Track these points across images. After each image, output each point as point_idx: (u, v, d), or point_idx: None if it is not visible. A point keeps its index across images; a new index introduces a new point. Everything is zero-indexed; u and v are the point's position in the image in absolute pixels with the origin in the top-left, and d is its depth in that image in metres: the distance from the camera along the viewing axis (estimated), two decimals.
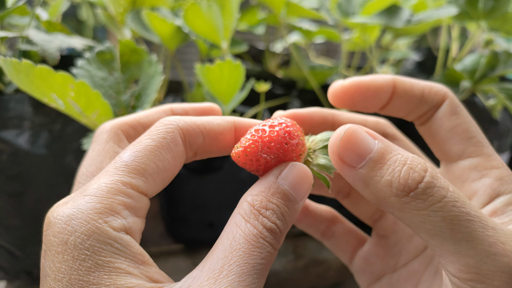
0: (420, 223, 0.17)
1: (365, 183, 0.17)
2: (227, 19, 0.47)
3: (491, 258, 0.16)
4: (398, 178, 0.17)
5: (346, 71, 0.79)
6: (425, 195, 0.16)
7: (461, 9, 0.57)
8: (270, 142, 0.22)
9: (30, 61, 0.29)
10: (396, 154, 0.17)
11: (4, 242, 0.48)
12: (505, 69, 0.56)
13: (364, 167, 0.17)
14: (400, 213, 0.17)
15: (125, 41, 0.40)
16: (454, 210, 0.16)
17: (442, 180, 0.17)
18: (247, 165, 0.22)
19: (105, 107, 0.34)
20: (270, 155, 0.21)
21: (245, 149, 0.22)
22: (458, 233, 0.16)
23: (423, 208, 0.16)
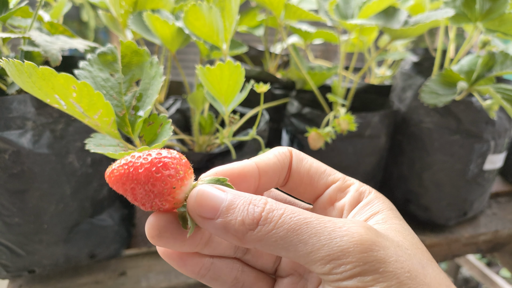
0: (275, 243, 0.20)
1: (225, 229, 0.21)
2: (227, 21, 0.47)
3: (335, 241, 0.19)
4: (247, 216, 0.20)
5: (345, 72, 0.79)
6: (268, 219, 0.20)
7: (458, 11, 0.58)
8: (141, 167, 0.21)
9: (32, 62, 0.30)
10: (242, 198, 0.21)
11: (6, 240, 0.48)
12: (501, 70, 0.57)
13: (220, 216, 0.21)
14: (260, 243, 0.20)
15: (127, 43, 0.40)
16: (293, 219, 0.20)
17: (279, 204, 0.21)
18: (115, 187, 0.22)
19: (107, 108, 0.34)
20: (141, 180, 0.21)
21: (112, 173, 0.21)
22: (303, 235, 0.20)
23: (271, 230, 0.20)
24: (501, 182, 0.90)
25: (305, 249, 0.19)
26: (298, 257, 0.20)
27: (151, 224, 0.22)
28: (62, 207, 0.49)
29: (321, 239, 0.19)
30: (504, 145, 0.68)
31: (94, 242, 0.54)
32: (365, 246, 0.19)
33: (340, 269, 0.19)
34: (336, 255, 0.19)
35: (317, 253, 0.19)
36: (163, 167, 0.21)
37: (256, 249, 0.27)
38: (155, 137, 0.38)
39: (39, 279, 0.55)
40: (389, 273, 0.19)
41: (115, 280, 0.56)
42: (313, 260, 0.19)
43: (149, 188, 0.21)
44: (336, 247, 0.19)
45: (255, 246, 0.21)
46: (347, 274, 0.19)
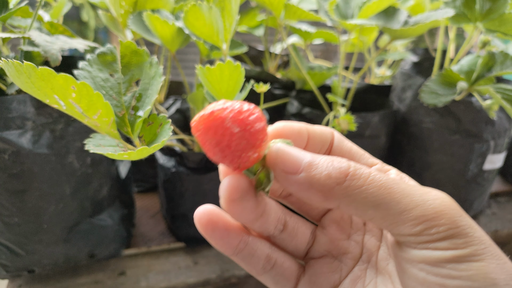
0: (365, 200, 0.19)
1: (310, 183, 0.20)
2: (227, 21, 0.47)
3: (429, 203, 0.19)
4: (333, 170, 0.20)
5: (345, 72, 0.79)
6: (357, 175, 0.20)
7: (458, 11, 0.58)
8: (240, 114, 0.20)
9: (32, 62, 0.30)
10: (321, 157, 0.21)
11: (5, 240, 0.48)
12: (501, 70, 0.57)
13: (304, 171, 0.20)
14: (345, 199, 0.20)
15: (126, 43, 0.40)
16: (382, 178, 0.20)
17: (360, 164, 0.21)
18: (207, 136, 0.20)
19: (106, 108, 0.34)
20: (238, 127, 0.19)
21: (211, 114, 0.20)
22: (396, 194, 0.19)
23: (360, 185, 0.20)
24: (501, 182, 0.90)
25: (397, 207, 0.19)
26: (386, 216, 0.19)
27: (233, 186, 0.21)
28: (61, 207, 0.49)
29: (414, 200, 0.19)
30: (503, 145, 0.68)
31: (93, 242, 0.54)
32: (456, 211, 0.19)
33: (432, 230, 0.19)
34: (431, 216, 0.19)
35: (410, 212, 0.19)
36: (258, 118, 0.20)
37: (293, 228, 0.27)
38: (154, 137, 0.38)
39: (39, 279, 0.55)
40: (477, 238, 0.19)
41: (115, 280, 0.56)
42: (404, 220, 0.19)
43: (246, 136, 0.20)
44: (430, 208, 0.19)
45: (340, 203, 0.20)
46: (440, 235, 0.19)
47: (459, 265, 0.18)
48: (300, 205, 0.29)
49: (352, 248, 0.27)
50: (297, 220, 0.28)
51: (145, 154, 0.34)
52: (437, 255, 0.19)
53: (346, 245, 0.27)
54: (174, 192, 0.59)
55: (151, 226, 0.67)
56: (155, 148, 0.34)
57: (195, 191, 0.57)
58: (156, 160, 0.62)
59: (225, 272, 0.58)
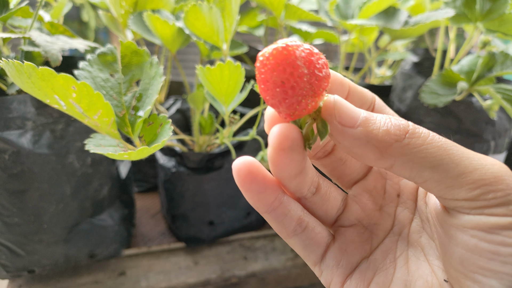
0: (423, 159, 0.19)
1: (367, 138, 0.19)
2: (227, 21, 0.47)
3: (487, 167, 0.19)
4: (392, 126, 0.19)
5: (345, 72, 0.79)
6: (417, 133, 0.19)
7: (458, 11, 0.58)
8: (312, 56, 0.18)
9: (32, 63, 0.30)
10: (377, 114, 0.20)
11: (5, 240, 0.48)
12: (502, 70, 0.57)
13: (361, 125, 0.20)
14: (402, 157, 0.19)
15: (127, 43, 0.40)
16: (442, 139, 0.19)
17: None
18: (274, 73, 0.18)
19: (106, 108, 0.34)
20: (307, 69, 0.18)
21: (285, 49, 0.18)
22: (455, 156, 0.19)
23: (420, 144, 0.19)
24: None
25: (456, 169, 0.19)
26: (443, 179, 0.19)
27: (284, 134, 0.20)
28: (62, 207, 0.49)
29: (473, 163, 0.19)
30: (504, 145, 0.68)
31: (94, 242, 0.54)
32: None
33: (490, 195, 0.18)
34: (489, 180, 0.18)
35: (468, 176, 0.18)
36: (325, 64, 0.19)
37: (325, 191, 0.26)
38: (155, 137, 0.38)
39: (39, 279, 0.55)
40: None
41: (115, 280, 0.56)
42: (461, 183, 0.19)
43: (312, 80, 0.18)
44: (489, 173, 0.18)
45: (396, 162, 0.19)
46: (497, 201, 0.18)
47: None
48: (333, 169, 0.27)
49: (383, 219, 0.26)
50: (329, 185, 0.26)
51: (145, 154, 0.34)
52: (492, 221, 0.18)
53: (377, 216, 0.26)
54: (175, 192, 0.59)
55: (151, 226, 0.67)
56: (155, 148, 0.34)
57: (195, 191, 0.57)
58: (156, 160, 0.62)
59: (225, 272, 0.58)
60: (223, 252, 0.62)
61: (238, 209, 0.61)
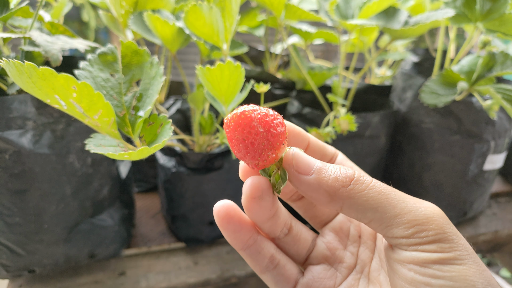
0: (366, 202, 0.22)
1: (319, 184, 0.23)
2: (227, 21, 0.47)
3: (421, 210, 0.22)
4: (340, 174, 0.23)
5: (345, 72, 0.79)
6: (361, 180, 0.23)
7: (458, 11, 0.58)
8: (266, 117, 0.22)
9: (32, 62, 0.30)
10: (330, 165, 0.24)
11: (6, 240, 0.48)
12: (502, 70, 0.57)
13: (314, 173, 0.23)
14: (350, 200, 0.22)
15: (127, 43, 0.40)
16: (382, 186, 0.23)
17: (363, 172, 0.24)
18: (236, 132, 0.22)
19: (107, 108, 0.34)
20: (262, 128, 0.22)
21: (243, 113, 0.22)
22: (392, 200, 0.22)
23: (362, 190, 0.22)
24: (501, 182, 0.90)
25: (393, 211, 0.22)
26: (383, 219, 0.22)
27: (254, 186, 0.24)
28: (62, 207, 0.49)
29: (408, 206, 0.22)
30: (504, 145, 0.68)
31: (94, 242, 0.54)
32: (445, 219, 0.22)
33: (422, 234, 0.21)
34: (421, 221, 0.21)
35: (403, 216, 0.22)
36: (280, 123, 0.23)
37: (297, 233, 0.29)
38: (155, 137, 0.38)
39: (39, 279, 0.55)
40: (461, 245, 0.21)
41: (115, 280, 0.56)
42: (398, 222, 0.22)
43: (268, 137, 0.22)
44: (421, 215, 0.22)
45: (343, 204, 0.23)
46: (429, 239, 0.21)
47: (443, 267, 0.21)
48: (306, 210, 0.31)
49: (347, 258, 0.29)
50: (301, 227, 0.30)
51: (145, 154, 0.34)
52: (424, 256, 0.21)
53: (342, 255, 0.29)
54: (174, 192, 0.59)
55: (151, 226, 0.67)
56: (155, 148, 0.34)
57: (195, 191, 0.57)
58: (156, 160, 0.62)
59: (225, 272, 0.58)
60: (223, 252, 0.62)
61: None
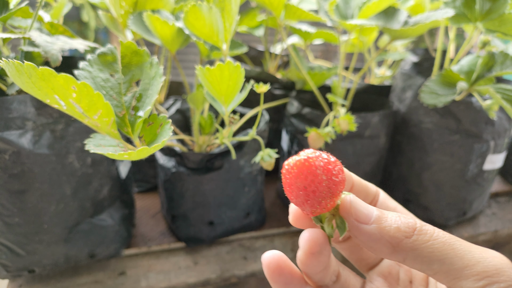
0: (431, 254, 0.21)
1: (380, 234, 0.22)
2: (227, 22, 0.47)
3: (488, 260, 0.21)
4: (402, 224, 0.22)
5: (345, 73, 0.79)
6: (424, 230, 0.22)
7: (458, 11, 0.58)
8: (329, 164, 0.22)
9: (32, 63, 0.30)
10: (388, 212, 0.23)
11: (6, 240, 0.48)
12: (501, 70, 0.57)
13: (374, 222, 0.22)
14: (414, 252, 0.21)
15: (127, 43, 0.40)
16: (446, 235, 0.22)
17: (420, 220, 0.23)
18: (298, 179, 0.21)
19: (106, 108, 0.34)
20: (325, 176, 0.21)
21: (307, 161, 0.21)
22: (458, 250, 0.21)
23: (427, 240, 0.21)
24: (501, 182, 0.90)
25: (461, 263, 0.21)
26: (450, 271, 0.21)
27: (313, 241, 0.23)
28: (62, 207, 0.49)
29: (475, 257, 0.21)
30: (503, 145, 0.68)
31: (94, 242, 0.54)
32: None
33: (494, 286, 0.20)
34: (491, 272, 0.20)
35: (472, 268, 0.21)
36: (340, 170, 0.22)
37: (345, 280, 0.28)
38: (154, 137, 0.39)
39: (39, 279, 0.55)
40: None
41: (115, 280, 0.56)
42: (467, 274, 0.21)
43: (330, 185, 0.21)
44: (491, 266, 0.21)
45: (407, 256, 0.21)
46: None
47: None
48: (351, 253, 0.30)
49: None
50: (348, 273, 0.28)
51: (145, 154, 0.34)
52: None
53: None
54: (174, 192, 0.59)
55: (151, 226, 0.67)
56: (155, 148, 0.34)
57: (195, 191, 0.57)
58: (156, 160, 0.62)
59: (225, 272, 0.58)
60: (223, 252, 0.62)
61: (238, 209, 0.62)
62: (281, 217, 0.72)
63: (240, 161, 0.57)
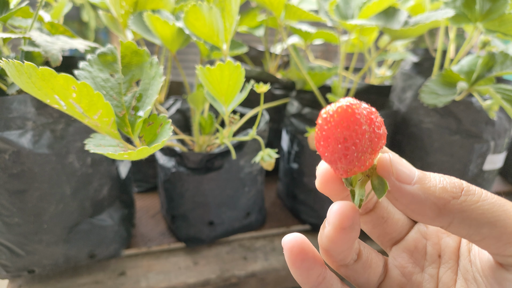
0: (481, 215, 0.19)
1: (425, 194, 0.20)
2: (227, 22, 0.47)
3: None
4: (448, 184, 0.20)
5: (345, 73, 0.79)
6: (472, 190, 0.20)
7: (458, 11, 0.58)
8: (371, 114, 0.19)
9: (32, 63, 0.30)
10: (430, 173, 0.21)
11: (5, 240, 0.48)
12: (501, 70, 0.57)
13: (417, 182, 0.20)
14: (460, 214, 0.19)
15: (127, 43, 0.40)
16: (495, 197, 0.20)
17: None
18: (338, 130, 0.19)
19: (106, 108, 0.34)
20: (368, 126, 0.19)
21: (349, 107, 0.18)
22: (510, 212, 0.19)
23: (476, 201, 0.19)
24: (501, 182, 0.90)
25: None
26: (502, 235, 0.19)
27: (345, 214, 0.20)
28: (62, 207, 0.49)
29: None
30: (504, 145, 0.68)
31: (94, 242, 0.54)
32: None
33: None
34: None
35: None
36: (381, 122, 0.20)
37: (367, 258, 0.26)
38: (154, 137, 0.39)
39: (39, 279, 0.55)
40: None
41: (115, 280, 0.56)
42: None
43: (372, 137, 0.19)
44: None
45: (454, 219, 0.19)
46: None
47: None
48: (374, 227, 0.27)
49: (426, 282, 0.26)
50: (370, 251, 0.26)
51: (145, 154, 0.34)
52: None
53: (419, 279, 0.26)
54: (174, 192, 0.59)
55: (151, 226, 0.67)
56: (155, 148, 0.34)
57: (195, 191, 0.57)
58: (156, 160, 0.62)
59: (225, 272, 0.58)
60: (222, 252, 0.62)
61: (238, 209, 0.62)
62: (281, 217, 0.72)
63: (240, 161, 0.57)
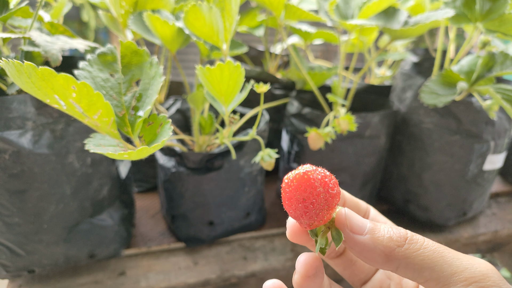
0: (422, 262, 0.22)
1: (374, 244, 0.23)
2: (227, 21, 0.47)
3: (475, 266, 0.22)
4: (394, 234, 0.23)
5: (345, 73, 0.79)
6: (414, 239, 0.23)
7: (458, 11, 0.58)
8: (325, 178, 0.23)
9: (32, 63, 0.30)
10: (380, 224, 0.24)
11: (5, 240, 0.48)
12: (501, 70, 0.57)
13: (368, 233, 0.23)
14: (406, 260, 0.23)
15: (127, 43, 0.40)
16: (435, 244, 0.23)
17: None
18: (297, 192, 0.23)
19: (106, 108, 0.34)
20: (322, 188, 0.23)
21: (306, 174, 0.23)
22: (447, 258, 0.22)
23: (418, 249, 0.23)
24: (501, 182, 0.90)
25: (450, 269, 0.22)
26: (440, 278, 0.22)
27: (309, 264, 0.24)
28: (62, 207, 0.49)
29: (463, 264, 0.22)
30: (504, 145, 0.68)
31: (93, 242, 0.54)
32: (499, 275, 0.22)
33: None
34: (478, 277, 0.22)
35: (460, 274, 0.22)
36: (335, 184, 0.24)
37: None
38: (154, 137, 0.39)
39: (39, 279, 0.55)
40: None
41: (115, 280, 0.56)
42: (455, 281, 0.22)
43: (327, 197, 0.23)
44: (477, 272, 0.22)
45: (400, 264, 0.23)
46: None
47: None
48: (344, 268, 0.31)
49: None
50: None
51: (145, 154, 0.34)
52: None
53: None
54: (174, 192, 0.59)
55: (151, 226, 0.67)
56: (155, 148, 0.34)
57: (195, 191, 0.57)
58: (156, 160, 0.62)
59: (225, 272, 0.58)
60: (222, 252, 0.62)
61: (237, 209, 0.62)
62: (281, 217, 0.72)
63: (240, 161, 0.57)
